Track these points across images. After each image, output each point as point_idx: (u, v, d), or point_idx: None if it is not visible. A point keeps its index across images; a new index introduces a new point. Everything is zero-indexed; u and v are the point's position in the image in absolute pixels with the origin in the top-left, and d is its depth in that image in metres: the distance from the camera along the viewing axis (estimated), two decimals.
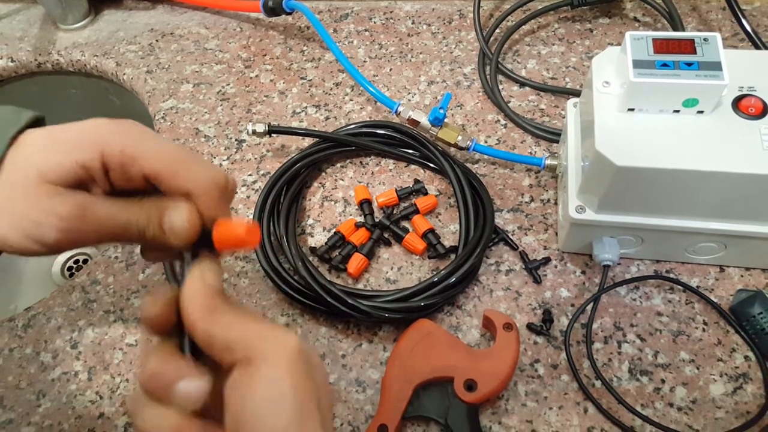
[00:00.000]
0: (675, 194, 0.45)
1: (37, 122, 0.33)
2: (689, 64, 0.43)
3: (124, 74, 0.78)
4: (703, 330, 0.50)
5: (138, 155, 0.30)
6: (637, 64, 0.43)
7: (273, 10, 0.74)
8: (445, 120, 0.60)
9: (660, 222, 0.48)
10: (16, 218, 0.28)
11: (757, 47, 0.60)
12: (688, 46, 0.44)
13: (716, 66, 0.43)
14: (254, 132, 0.62)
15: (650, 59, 0.44)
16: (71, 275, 0.87)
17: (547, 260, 0.55)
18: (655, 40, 0.44)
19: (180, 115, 0.72)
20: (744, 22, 0.60)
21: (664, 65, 0.43)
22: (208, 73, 0.76)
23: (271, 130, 0.63)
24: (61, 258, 0.88)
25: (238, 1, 0.80)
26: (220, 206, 0.31)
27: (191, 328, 0.29)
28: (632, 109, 0.45)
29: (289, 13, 0.74)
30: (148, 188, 0.31)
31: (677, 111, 0.45)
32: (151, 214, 0.30)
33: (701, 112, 0.44)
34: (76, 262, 0.88)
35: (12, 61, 0.83)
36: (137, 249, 0.58)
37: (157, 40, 0.81)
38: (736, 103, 0.44)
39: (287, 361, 0.28)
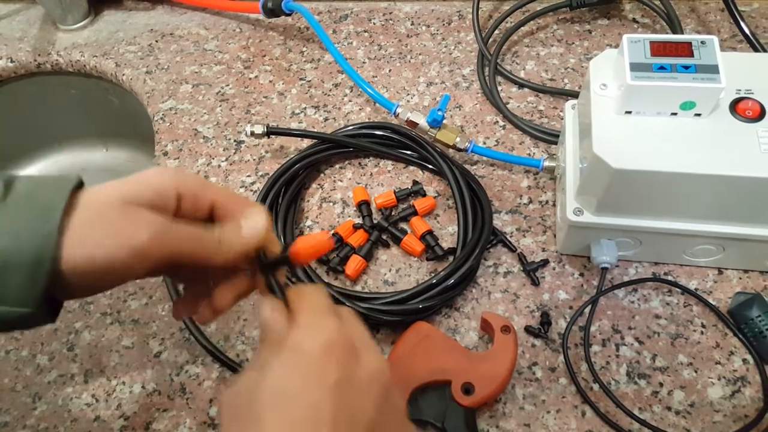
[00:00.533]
0: (673, 197, 0.45)
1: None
2: (686, 67, 0.43)
3: (123, 75, 0.78)
4: (702, 333, 0.50)
5: (206, 187, 0.35)
6: (635, 67, 0.43)
7: (272, 11, 0.74)
8: (444, 121, 0.60)
9: (658, 225, 0.48)
10: (110, 235, 0.30)
11: (755, 49, 0.59)
12: (686, 49, 0.44)
13: (713, 69, 0.42)
14: (252, 133, 0.62)
15: (647, 62, 0.43)
16: None
17: (545, 262, 0.55)
18: (652, 42, 0.44)
19: (179, 115, 0.72)
20: (742, 24, 0.59)
21: (662, 68, 0.43)
22: (208, 73, 0.76)
23: (270, 132, 0.63)
24: None
25: (237, 2, 0.80)
26: (270, 226, 0.36)
27: None
28: (630, 112, 0.45)
29: (289, 15, 0.74)
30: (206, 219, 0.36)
31: (675, 114, 0.44)
32: (223, 232, 0.34)
33: (699, 114, 0.44)
34: None
35: (11, 61, 0.83)
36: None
37: (156, 41, 0.81)
38: (734, 106, 0.44)
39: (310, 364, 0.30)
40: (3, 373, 0.54)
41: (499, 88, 0.68)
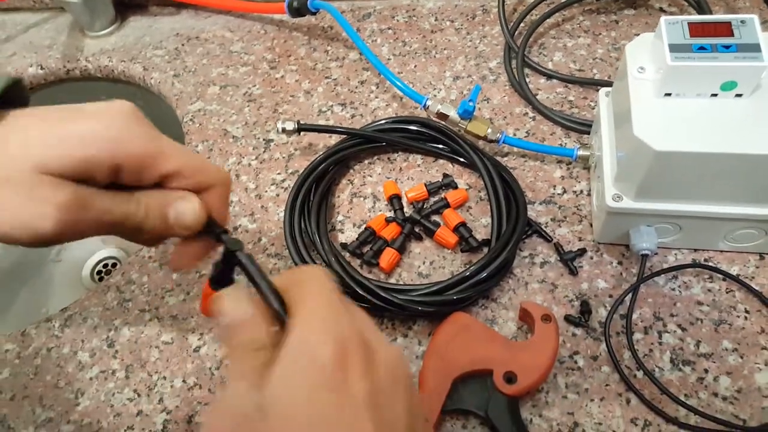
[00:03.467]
0: (714, 179, 0.45)
1: (15, 85, 0.31)
2: (727, 47, 0.42)
3: (151, 78, 0.79)
4: (745, 318, 0.49)
5: (158, 156, 0.30)
6: (674, 48, 0.43)
7: (298, 11, 0.75)
8: (474, 113, 0.60)
9: (699, 208, 0.47)
10: (12, 209, 0.27)
11: None
12: (725, 28, 0.43)
13: (755, 48, 0.42)
14: (284, 130, 0.63)
15: (687, 43, 0.43)
16: (100, 279, 0.88)
17: (582, 251, 0.54)
18: (690, 23, 0.44)
19: (208, 116, 0.73)
20: None
21: (702, 48, 0.43)
22: (234, 75, 0.77)
23: (300, 128, 0.63)
24: (91, 262, 0.89)
25: (261, 4, 0.81)
26: (227, 199, 0.34)
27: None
28: (669, 94, 0.44)
29: (314, 13, 0.75)
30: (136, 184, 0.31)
31: (715, 95, 0.44)
32: (150, 207, 0.31)
33: (740, 95, 0.44)
34: (105, 266, 0.89)
35: (41, 68, 0.84)
36: (170, 249, 0.59)
37: (182, 44, 0.82)
38: None
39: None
40: (45, 370, 0.54)
41: (528, 80, 0.67)
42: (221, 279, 0.33)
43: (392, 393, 0.26)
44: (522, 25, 0.73)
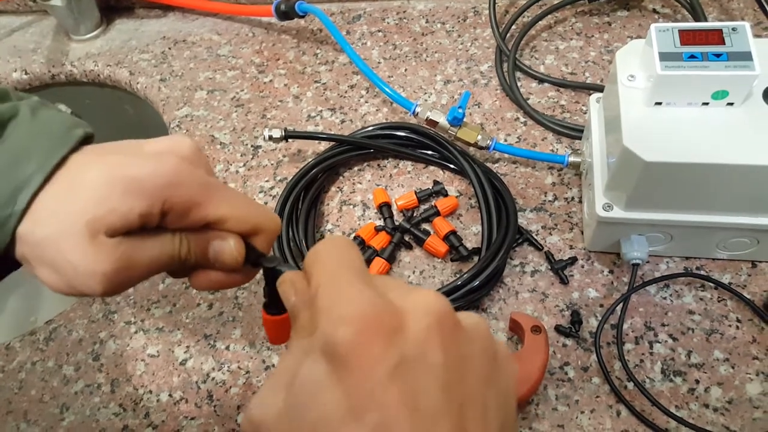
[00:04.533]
0: (706, 189, 0.44)
1: (86, 139, 0.32)
2: (718, 55, 0.42)
3: (137, 83, 0.78)
4: (737, 328, 0.49)
5: (207, 204, 0.30)
6: (664, 56, 0.42)
7: (286, 14, 0.74)
8: (464, 119, 0.59)
9: (690, 218, 0.47)
10: (62, 269, 0.28)
11: None
12: (716, 36, 0.43)
13: (746, 56, 0.41)
14: (270, 138, 0.62)
15: (677, 51, 0.42)
16: None
17: (573, 260, 0.54)
18: (681, 31, 0.43)
19: (195, 122, 0.72)
20: None
21: (692, 57, 0.42)
22: (222, 79, 0.76)
23: (288, 135, 0.62)
24: None
25: (249, 6, 0.79)
26: (272, 242, 0.34)
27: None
28: (659, 103, 0.44)
29: (302, 17, 0.74)
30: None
31: (706, 104, 0.43)
32: (191, 246, 0.31)
33: (731, 104, 0.43)
34: None
35: (26, 73, 0.83)
36: None
37: (169, 48, 0.81)
38: None
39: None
40: (30, 384, 0.53)
41: (519, 84, 0.67)
42: (274, 301, 0.31)
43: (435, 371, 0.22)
44: (514, 27, 0.72)
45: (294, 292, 0.28)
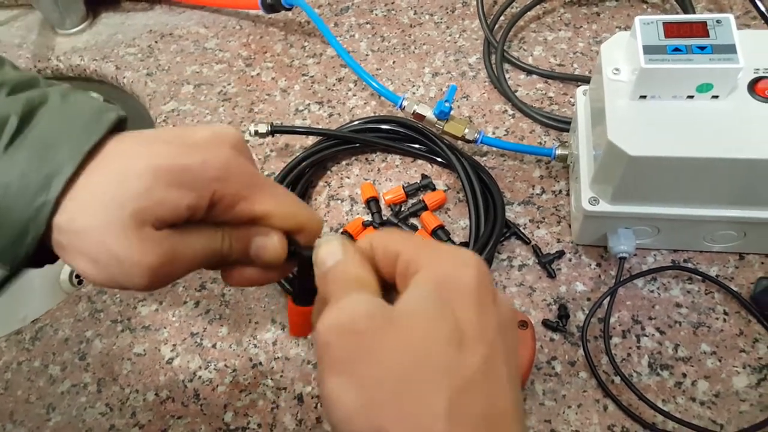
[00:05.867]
0: (691, 183, 0.44)
1: (119, 123, 0.30)
2: (702, 48, 0.41)
3: (124, 77, 0.77)
4: (724, 320, 0.49)
5: (254, 199, 0.29)
6: (648, 49, 0.42)
7: (272, 7, 0.73)
8: (452, 113, 0.59)
9: (676, 211, 0.47)
10: (104, 261, 0.27)
11: None
12: (701, 29, 0.42)
13: (730, 49, 0.41)
14: (256, 133, 0.61)
15: (661, 44, 0.42)
16: (80, 282, 0.86)
17: (561, 254, 0.53)
18: (665, 24, 0.43)
19: (182, 117, 0.71)
20: (757, 0, 0.57)
21: (676, 50, 0.41)
22: (209, 73, 0.75)
23: (274, 130, 0.61)
24: (69, 266, 0.87)
25: None
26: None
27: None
28: (644, 97, 0.43)
29: (289, 9, 0.73)
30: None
31: (691, 97, 0.43)
32: (233, 242, 0.30)
33: (716, 96, 0.43)
34: None
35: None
36: None
37: (156, 42, 0.80)
38: (753, 86, 0.43)
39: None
40: (16, 384, 0.53)
41: (507, 76, 0.66)
42: (305, 292, 0.31)
43: (510, 328, 0.27)
44: (502, 18, 0.71)
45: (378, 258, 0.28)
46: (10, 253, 0.27)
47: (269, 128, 0.61)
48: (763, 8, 0.57)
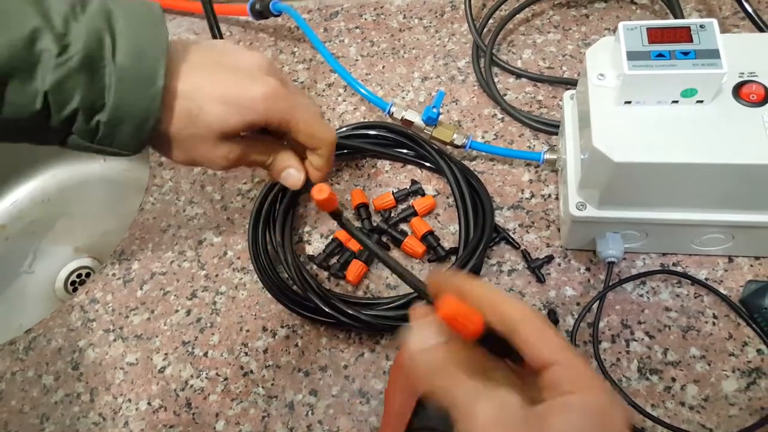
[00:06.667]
0: (678, 187, 0.44)
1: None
2: (686, 53, 0.41)
3: None
4: (714, 324, 0.49)
5: (293, 125, 0.40)
6: (632, 55, 0.42)
7: (260, 13, 0.73)
8: (440, 117, 0.59)
9: (664, 216, 0.47)
10: (195, 157, 0.40)
11: (758, 28, 0.57)
12: (684, 34, 0.42)
13: (714, 54, 0.41)
14: None
15: (645, 50, 0.42)
16: (74, 290, 0.87)
17: (550, 258, 0.53)
18: (649, 29, 0.43)
19: None
20: (744, 2, 0.57)
21: (660, 55, 0.41)
22: None
23: None
24: (64, 273, 0.87)
25: (225, 6, 0.78)
26: (330, 157, 0.44)
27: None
28: (629, 102, 0.43)
29: (277, 16, 0.73)
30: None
31: (676, 102, 0.43)
32: (275, 161, 0.43)
33: (701, 101, 0.43)
34: (79, 276, 0.88)
35: None
36: (134, 265, 0.58)
37: None
38: (737, 91, 0.43)
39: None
40: (10, 394, 0.53)
41: (496, 80, 0.66)
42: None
43: None
44: (491, 21, 0.71)
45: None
46: (135, 140, 0.37)
47: None
48: (750, 9, 0.57)
